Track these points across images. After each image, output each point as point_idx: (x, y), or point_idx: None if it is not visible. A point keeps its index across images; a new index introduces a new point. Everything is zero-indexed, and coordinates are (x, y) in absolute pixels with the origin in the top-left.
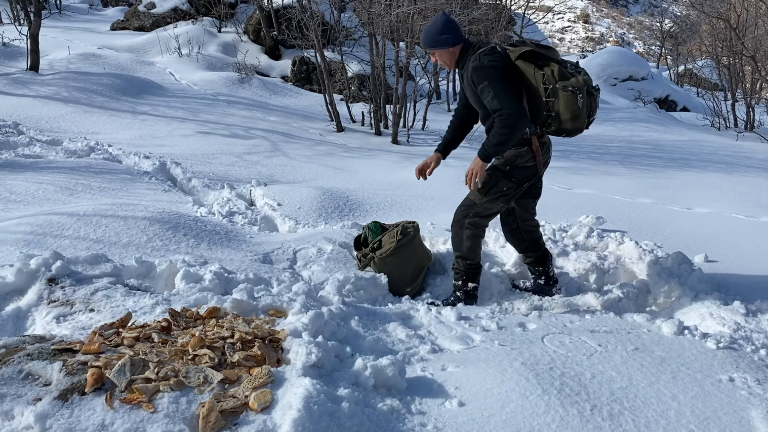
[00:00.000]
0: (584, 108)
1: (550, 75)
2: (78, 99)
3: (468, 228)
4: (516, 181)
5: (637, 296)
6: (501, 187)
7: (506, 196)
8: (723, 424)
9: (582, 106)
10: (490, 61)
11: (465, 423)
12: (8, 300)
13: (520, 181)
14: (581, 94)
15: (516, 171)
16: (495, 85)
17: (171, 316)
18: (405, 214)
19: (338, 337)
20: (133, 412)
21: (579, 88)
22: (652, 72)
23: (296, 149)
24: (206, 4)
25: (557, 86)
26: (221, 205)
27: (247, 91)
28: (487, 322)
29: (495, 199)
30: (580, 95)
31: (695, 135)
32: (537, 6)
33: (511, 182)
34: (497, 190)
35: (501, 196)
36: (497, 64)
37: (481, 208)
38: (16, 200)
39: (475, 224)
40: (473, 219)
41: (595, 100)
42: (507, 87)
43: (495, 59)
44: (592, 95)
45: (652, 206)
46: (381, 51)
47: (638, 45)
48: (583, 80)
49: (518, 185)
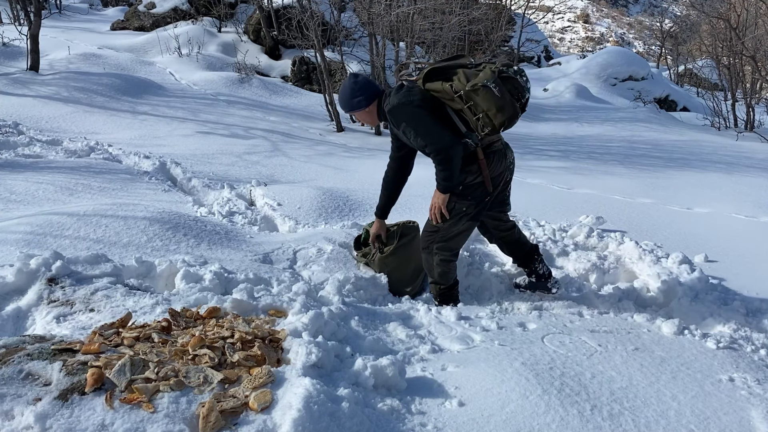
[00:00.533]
0: (505, 94)
1: (458, 82)
2: (78, 99)
3: (437, 253)
4: (473, 199)
5: (637, 296)
6: (459, 208)
7: (467, 215)
8: (723, 424)
9: (501, 94)
10: (399, 100)
11: (465, 423)
12: (8, 300)
13: (477, 198)
14: (492, 83)
15: (468, 190)
16: (412, 123)
17: (171, 316)
18: (405, 214)
19: (338, 337)
20: (133, 412)
21: (488, 80)
22: (652, 72)
23: (296, 149)
24: (206, 4)
25: (467, 89)
26: (221, 205)
27: (247, 91)
28: (487, 322)
29: (456, 222)
30: (492, 86)
31: (695, 135)
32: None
33: (468, 201)
34: (456, 212)
35: (462, 216)
36: (408, 99)
37: (445, 231)
38: (16, 200)
39: (443, 248)
40: (440, 244)
41: (516, 82)
42: (424, 121)
43: (404, 96)
44: (510, 78)
45: (652, 206)
46: (381, 51)
47: (638, 45)
48: (490, 71)
49: (477, 202)
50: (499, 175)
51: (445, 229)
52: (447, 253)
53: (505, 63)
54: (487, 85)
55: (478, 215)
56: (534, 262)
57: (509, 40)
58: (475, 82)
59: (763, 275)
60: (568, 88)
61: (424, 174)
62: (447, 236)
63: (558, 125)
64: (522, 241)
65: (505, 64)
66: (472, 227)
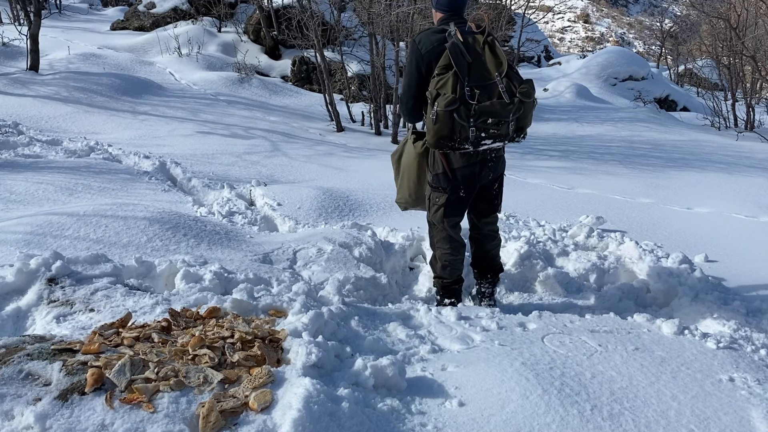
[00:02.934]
0: (445, 123)
1: (442, 83)
2: (78, 99)
3: (438, 248)
4: (446, 191)
5: (637, 296)
6: (434, 199)
7: (444, 207)
8: (723, 424)
9: (442, 122)
10: (420, 41)
11: (465, 423)
12: (8, 300)
13: (449, 189)
14: (444, 110)
15: (437, 180)
16: (407, 68)
17: (171, 316)
18: (405, 214)
19: (338, 337)
20: (133, 412)
21: (448, 104)
22: (652, 72)
23: (296, 149)
24: (206, 4)
25: (437, 104)
26: (221, 205)
27: (247, 91)
28: (487, 322)
29: (435, 213)
30: (433, 115)
31: (695, 135)
32: (537, 6)
33: (440, 192)
34: (434, 203)
35: (439, 208)
36: (423, 48)
37: (435, 224)
38: (16, 200)
39: (441, 241)
40: (437, 237)
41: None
42: (412, 75)
43: (425, 41)
44: (470, 105)
45: (652, 206)
46: (381, 51)
47: (638, 45)
48: (453, 98)
49: (451, 193)
50: (465, 167)
51: (436, 221)
52: (445, 247)
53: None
54: (443, 111)
55: (457, 206)
56: (484, 279)
57: (509, 39)
58: (441, 100)
59: (763, 275)
60: (568, 88)
61: None
62: (438, 233)
63: (558, 125)
64: (491, 255)
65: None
66: (456, 219)
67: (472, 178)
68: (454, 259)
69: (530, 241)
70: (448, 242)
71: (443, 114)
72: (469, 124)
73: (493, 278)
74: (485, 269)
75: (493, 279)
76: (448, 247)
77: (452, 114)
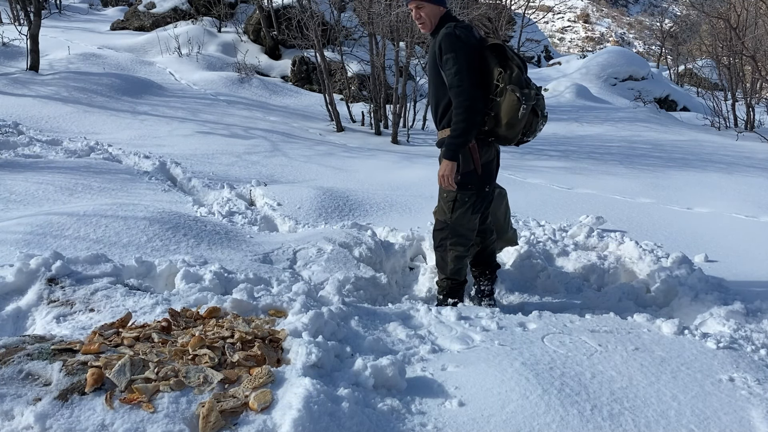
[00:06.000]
0: (523, 120)
1: (507, 75)
2: (78, 99)
3: (451, 249)
4: (473, 188)
5: (637, 296)
6: (462, 199)
7: (474, 206)
8: (723, 424)
9: (521, 118)
10: (463, 34)
11: (465, 423)
12: (8, 300)
13: (476, 186)
14: (526, 105)
15: (466, 178)
16: (460, 60)
17: (171, 316)
18: (405, 214)
19: (338, 337)
20: (133, 412)
21: (527, 99)
22: (652, 72)
23: (296, 149)
24: (206, 4)
25: (507, 87)
26: (221, 205)
27: (247, 91)
28: (487, 322)
29: (464, 213)
30: (524, 106)
31: (695, 135)
32: (537, 6)
33: (468, 190)
34: (460, 204)
35: (469, 207)
36: (469, 41)
37: (456, 225)
38: (16, 200)
39: (457, 243)
40: (453, 239)
41: (537, 122)
42: (471, 65)
43: (469, 35)
44: (537, 115)
45: (652, 206)
46: (381, 51)
47: (638, 45)
48: (534, 95)
49: (478, 191)
50: (489, 162)
51: (456, 222)
52: (461, 248)
53: (544, 104)
54: (521, 101)
55: (480, 205)
56: (483, 277)
57: (509, 40)
58: (517, 88)
59: (763, 275)
60: (568, 88)
61: (424, 173)
62: (461, 230)
63: (558, 125)
64: (490, 250)
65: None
66: (476, 218)
67: (491, 173)
68: (466, 261)
69: (530, 241)
70: (463, 243)
71: (529, 107)
72: (540, 117)
73: (491, 275)
74: (484, 266)
75: (492, 276)
76: (463, 248)
77: (532, 107)
